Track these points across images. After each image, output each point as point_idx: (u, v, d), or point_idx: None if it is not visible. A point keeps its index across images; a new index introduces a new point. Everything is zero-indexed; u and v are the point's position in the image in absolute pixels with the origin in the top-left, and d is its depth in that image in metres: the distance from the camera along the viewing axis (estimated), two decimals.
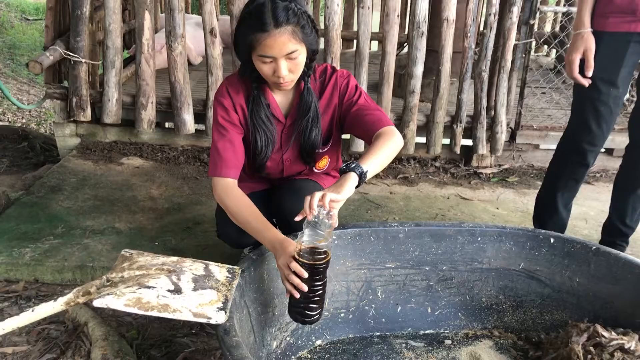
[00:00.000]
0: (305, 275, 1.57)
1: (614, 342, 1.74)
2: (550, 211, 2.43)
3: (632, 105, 3.42)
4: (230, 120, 1.85)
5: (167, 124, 3.73)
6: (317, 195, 1.53)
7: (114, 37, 3.09)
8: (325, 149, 1.97)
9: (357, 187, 1.62)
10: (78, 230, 2.45)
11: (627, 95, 3.78)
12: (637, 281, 1.90)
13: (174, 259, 1.74)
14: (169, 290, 1.57)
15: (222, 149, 1.83)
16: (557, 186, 2.39)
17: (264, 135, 1.87)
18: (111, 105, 3.17)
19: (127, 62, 3.89)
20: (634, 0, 2.03)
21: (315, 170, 2.04)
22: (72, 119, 3.28)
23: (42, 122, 5.22)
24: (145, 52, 3.10)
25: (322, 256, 1.57)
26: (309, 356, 1.92)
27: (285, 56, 1.68)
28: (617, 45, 2.10)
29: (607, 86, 2.14)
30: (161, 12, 4.61)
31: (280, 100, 1.89)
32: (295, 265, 1.57)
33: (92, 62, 3.23)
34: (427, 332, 2.05)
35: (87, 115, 3.21)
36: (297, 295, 1.60)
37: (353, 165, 1.61)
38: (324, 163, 2.02)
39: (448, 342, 2.01)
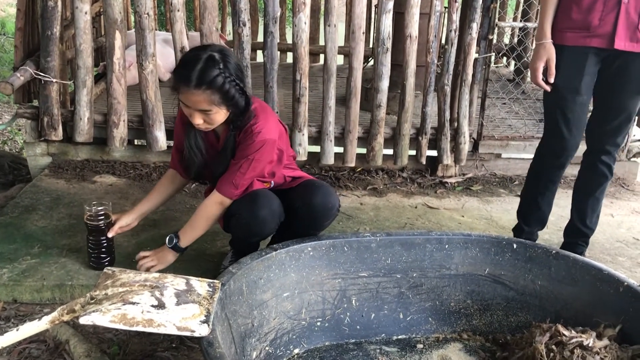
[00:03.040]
0: None
1: (574, 340, 1.86)
2: (532, 209, 2.61)
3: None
4: (178, 129, 2.23)
5: (136, 141, 3.77)
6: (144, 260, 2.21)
7: (85, 56, 3.12)
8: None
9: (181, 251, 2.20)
10: (55, 249, 2.48)
11: None
12: (594, 282, 2.03)
13: (156, 275, 1.80)
14: (152, 306, 1.63)
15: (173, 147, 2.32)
16: (537, 187, 2.57)
17: (190, 156, 2.17)
18: (83, 124, 3.20)
19: (95, 80, 3.90)
20: (587, 18, 2.21)
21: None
22: (43, 138, 3.29)
23: (7, 141, 5.17)
24: (117, 71, 3.14)
25: (102, 218, 2.25)
26: None
27: (199, 111, 1.94)
28: (576, 57, 2.28)
29: (573, 94, 2.32)
30: (128, 29, 4.63)
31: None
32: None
33: (63, 81, 3.25)
34: (399, 337, 2.15)
35: (58, 134, 3.23)
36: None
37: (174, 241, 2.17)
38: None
39: (420, 346, 2.11)
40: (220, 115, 1.97)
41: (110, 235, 2.27)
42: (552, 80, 2.30)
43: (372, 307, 2.14)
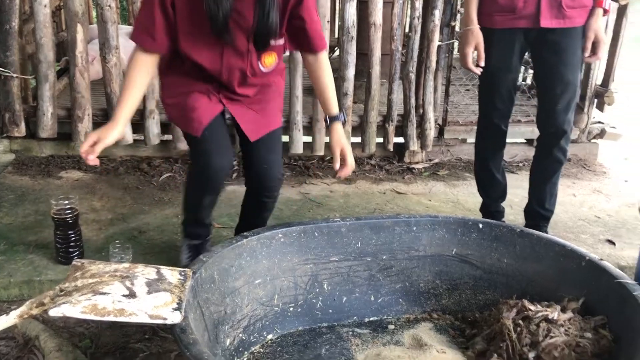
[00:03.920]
0: None
1: (540, 314, 1.91)
2: (488, 179, 2.69)
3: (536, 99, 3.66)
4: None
5: None
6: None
7: (46, 50, 3.06)
8: (276, 44, 1.97)
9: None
10: (21, 246, 2.44)
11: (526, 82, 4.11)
12: (557, 258, 2.09)
13: (126, 265, 1.79)
14: (123, 295, 1.62)
15: (144, 16, 1.88)
16: (486, 156, 2.65)
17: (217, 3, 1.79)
18: (46, 119, 3.15)
19: (58, 75, 3.83)
20: (512, 1, 2.30)
21: (262, 69, 2.02)
22: (5, 135, 3.23)
23: None
24: (79, 65, 3.09)
25: (69, 212, 2.26)
26: (262, 350, 2.00)
27: None
28: (506, 39, 2.37)
29: (505, 73, 2.43)
30: (90, 24, 4.56)
31: None
32: None
33: (24, 76, 3.19)
34: (371, 319, 2.17)
35: (21, 130, 3.17)
36: None
37: (339, 117, 2.04)
38: (271, 60, 2.02)
39: (391, 327, 2.14)
40: None
41: (92, 159, 1.83)
42: (482, 63, 2.39)
43: (344, 290, 2.17)
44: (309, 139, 3.46)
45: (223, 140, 2.06)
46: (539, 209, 2.62)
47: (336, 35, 4.98)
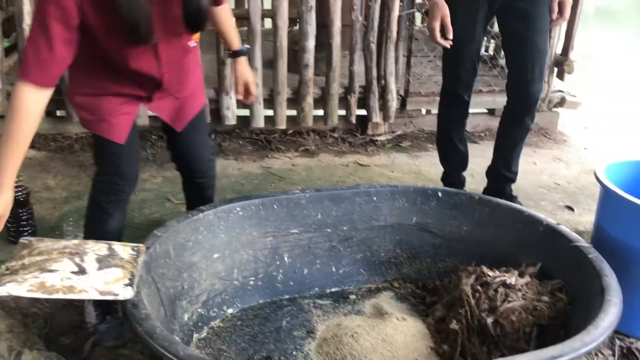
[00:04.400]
0: None
1: (498, 280, 1.91)
2: (450, 150, 2.69)
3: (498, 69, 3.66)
4: (62, 19, 1.50)
5: (58, 112, 3.60)
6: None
7: None
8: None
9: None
10: None
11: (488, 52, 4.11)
12: (515, 224, 2.10)
13: (76, 241, 1.74)
14: (73, 272, 1.57)
15: (38, 47, 1.52)
16: (449, 127, 2.65)
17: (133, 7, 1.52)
18: None
19: (8, 52, 3.69)
20: None
21: (193, 45, 1.89)
22: None
23: None
24: None
25: (18, 190, 2.20)
26: (222, 325, 1.98)
27: None
28: (470, 6, 2.36)
29: (469, 44, 2.42)
30: None
31: None
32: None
33: None
34: (333, 290, 2.17)
35: None
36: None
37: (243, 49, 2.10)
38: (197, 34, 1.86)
39: (353, 297, 2.14)
40: None
41: None
42: (450, 36, 2.35)
43: (305, 262, 2.15)
44: (270, 112, 3.41)
45: (135, 142, 1.93)
46: (506, 172, 2.65)
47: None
